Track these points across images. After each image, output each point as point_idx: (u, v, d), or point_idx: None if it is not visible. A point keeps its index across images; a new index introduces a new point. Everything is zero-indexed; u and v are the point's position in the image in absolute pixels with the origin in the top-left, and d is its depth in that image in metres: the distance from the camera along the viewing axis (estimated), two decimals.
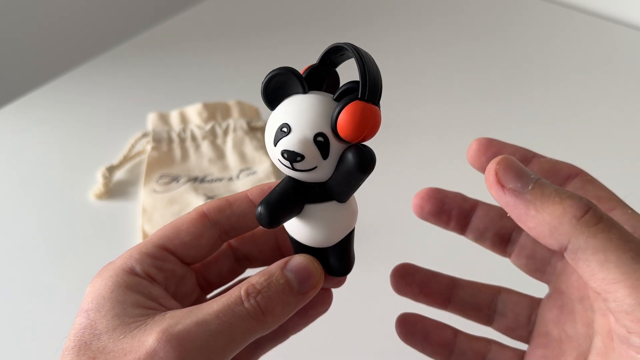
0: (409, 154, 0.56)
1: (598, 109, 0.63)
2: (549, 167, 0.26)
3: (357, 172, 0.22)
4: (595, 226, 0.20)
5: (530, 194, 0.21)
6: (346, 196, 0.24)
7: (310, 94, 0.23)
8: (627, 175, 0.55)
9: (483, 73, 0.69)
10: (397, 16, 0.79)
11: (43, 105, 0.65)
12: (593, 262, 0.20)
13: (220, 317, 0.22)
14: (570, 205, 0.20)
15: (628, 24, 0.75)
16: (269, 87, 0.23)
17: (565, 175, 0.26)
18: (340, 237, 0.25)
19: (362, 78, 0.22)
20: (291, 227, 0.25)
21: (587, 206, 0.20)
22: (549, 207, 0.21)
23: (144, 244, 0.26)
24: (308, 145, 0.22)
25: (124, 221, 0.51)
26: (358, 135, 0.22)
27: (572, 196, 0.21)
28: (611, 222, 0.20)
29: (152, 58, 0.72)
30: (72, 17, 0.95)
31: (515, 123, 0.61)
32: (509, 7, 0.80)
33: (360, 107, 0.22)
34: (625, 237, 0.19)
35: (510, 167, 0.22)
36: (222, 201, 0.27)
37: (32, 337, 0.43)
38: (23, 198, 0.54)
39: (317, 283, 0.25)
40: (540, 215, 0.21)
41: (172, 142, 0.57)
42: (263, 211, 0.23)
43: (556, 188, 0.21)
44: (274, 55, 0.72)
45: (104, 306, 0.23)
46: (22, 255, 0.49)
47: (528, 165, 0.26)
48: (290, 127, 0.22)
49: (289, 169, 0.23)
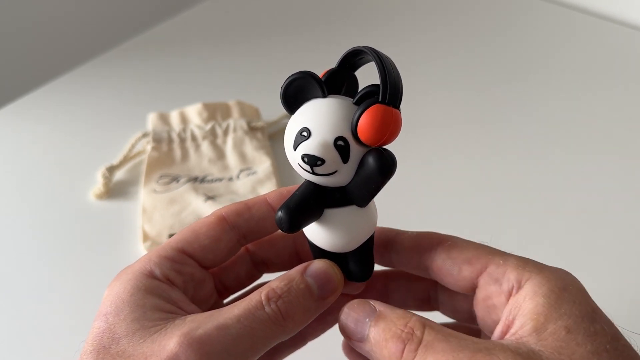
0: (410, 154, 0.56)
1: (598, 108, 0.63)
2: (410, 244, 0.26)
3: (378, 176, 0.22)
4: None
5: (367, 343, 0.23)
6: (366, 201, 0.24)
7: (329, 98, 0.23)
8: (626, 175, 0.55)
9: (483, 73, 0.69)
10: (398, 17, 0.79)
11: (43, 105, 0.65)
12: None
13: (242, 321, 0.22)
14: (391, 347, 0.22)
15: (628, 24, 0.75)
16: (289, 92, 0.23)
17: (427, 247, 0.26)
18: (360, 242, 0.25)
19: (382, 81, 0.22)
20: (310, 232, 0.25)
21: (403, 342, 0.22)
22: (380, 354, 0.23)
23: (162, 247, 0.26)
24: (328, 149, 0.22)
25: (124, 221, 0.51)
26: (379, 138, 0.22)
27: (392, 336, 0.22)
28: (426, 348, 0.21)
29: (152, 58, 0.72)
30: (72, 17, 0.95)
31: (516, 123, 0.61)
32: (509, 8, 0.80)
33: (382, 111, 0.22)
34: (438, 358, 0.21)
35: (349, 318, 0.24)
36: (240, 205, 0.27)
37: (32, 337, 0.43)
38: (23, 198, 0.54)
39: (337, 288, 0.25)
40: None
41: (172, 142, 0.57)
42: (283, 216, 0.23)
43: (384, 327, 0.23)
44: (274, 55, 0.72)
45: (123, 310, 0.23)
46: (22, 255, 0.49)
47: (391, 245, 0.27)
48: (310, 131, 0.22)
49: (309, 173, 0.23)
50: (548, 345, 0.21)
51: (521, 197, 0.53)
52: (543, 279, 0.22)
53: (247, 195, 0.52)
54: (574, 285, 0.22)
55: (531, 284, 0.22)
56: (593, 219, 0.50)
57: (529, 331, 0.21)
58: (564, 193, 0.53)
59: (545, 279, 0.22)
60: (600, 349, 0.20)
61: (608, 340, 0.21)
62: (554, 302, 0.21)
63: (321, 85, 0.23)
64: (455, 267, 0.25)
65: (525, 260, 0.24)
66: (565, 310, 0.21)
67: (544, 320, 0.21)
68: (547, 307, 0.21)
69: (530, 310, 0.22)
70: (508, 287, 0.23)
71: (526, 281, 0.23)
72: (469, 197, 0.52)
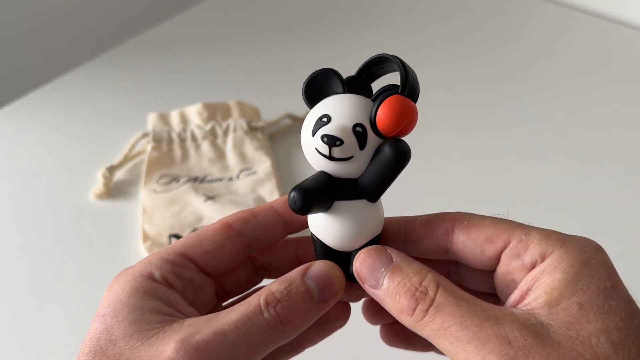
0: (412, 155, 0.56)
1: (598, 108, 0.63)
2: (424, 231, 0.26)
3: (393, 163, 0.23)
4: (422, 320, 0.22)
5: (381, 291, 0.23)
6: (377, 193, 0.24)
7: (350, 94, 0.24)
8: (626, 174, 0.55)
9: (483, 73, 0.69)
10: (398, 17, 0.79)
11: (43, 106, 0.65)
12: (437, 347, 0.22)
13: (240, 327, 0.22)
14: (403, 303, 0.22)
15: (628, 24, 0.75)
16: (311, 86, 0.24)
17: (443, 231, 0.26)
18: (366, 240, 0.25)
19: (402, 77, 0.23)
20: (317, 226, 0.25)
21: (416, 301, 0.22)
22: (392, 305, 0.23)
23: (165, 250, 0.26)
24: (347, 132, 0.23)
25: (124, 221, 0.51)
26: (396, 127, 0.23)
27: (406, 291, 0.22)
28: (436, 309, 0.22)
29: (152, 58, 0.72)
30: (72, 17, 0.95)
31: (516, 122, 0.61)
32: (509, 8, 0.80)
33: (400, 100, 0.23)
34: (446, 321, 0.21)
35: (363, 264, 0.24)
36: (246, 212, 0.27)
37: (32, 337, 0.43)
38: (23, 198, 0.54)
39: (338, 291, 0.25)
40: (391, 310, 0.23)
41: (172, 142, 0.57)
42: (297, 195, 0.23)
43: (399, 281, 0.23)
44: (274, 55, 0.72)
45: (121, 311, 0.23)
46: (22, 255, 0.49)
47: (404, 235, 0.26)
48: (330, 117, 0.23)
49: (326, 158, 0.23)
50: (558, 320, 0.20)
51: (521, 196, 0.53)
52: (565, 253, 0.22)
53: (247, 195, 0.52)
54: (597, 258, 0.22)
55: (552, 258, 0.22)
56: (593, 219, 0.50)
57: (541, 304, 0.21)
58: (563, 193, 0.53)
59: (568, 253, 0.22)
60: (611, 327, 0.20)
61: (621, 318, 0.20)
62: (571, 278, 0.21)
63: (342, 82, 0.24)
64: (477, 248, 0.25)
65: (548, 233, 0.23)
66: (581, 286, 0.21)
67: (558, 295, 0.21)
68: (563, 282, 0.21)
69: (547, 285, 0.22)
70: (531, 261, 0.23)
71: (549, 255, 0.22)
72: (469, 197, 0.52)
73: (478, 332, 0.20)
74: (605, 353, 0.20)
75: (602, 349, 0.20)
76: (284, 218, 0.27)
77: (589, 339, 0.20)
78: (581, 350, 0.20)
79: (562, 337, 0.20)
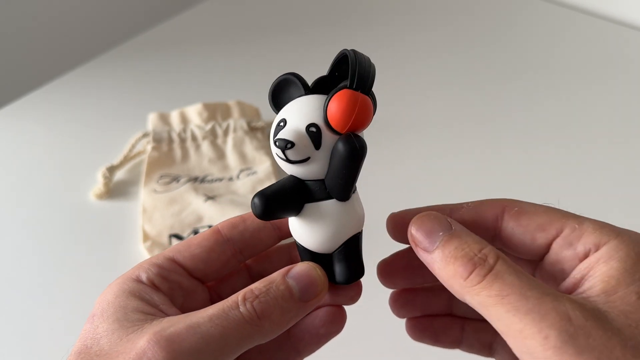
0: (410, 154, 0.56)
1: (598, 108, 0.63)
2: (471, 217, 0.25)
3: (347, 160, 0.23)
4: (478, 284, 0.21)
5: (435, 254, 0.23)
6: (342, 191, 0.24)
7: (310, 95, 0.24)
8: (626, 174, 0.55)
9: (483, 73, 0.69)
10: (397, 16, 0.79)
11: (43, 106, 0.65)
12: (485, 316, 0.21)
13: (214, 320, 0.22)
14: (459, 266, 0.22)
15: (628, 24, 0.75)
16: (275, 92, 0.25)
17: (492, 218, 0.25)
18: (342, 239, 0.25)
19: (351, 68, 0.23)
20: (294, 230, 0.25)
21: (474, 265, 0.21)
22: (444, 269, 0.22)
23: (156, 256, 0.26)
24: (299, 134, 0.23)
25: (124, 221, 0.51)
26: (347, 121, 0.22)
27: (464, 256, 0.22)
28: (495, 276, 0.21)
29: (152, 58, 0.72)
30: (72, 17, 0.95)
31: (515, 122, 0.61)
32: (509, 8, 0.80)
33: (348, 95, 0.22)
34: (505, 289, 0.20)
35: (422, 226, 0.23)
36: (236, 218, 0.28)
37: (32, 337, 0.43)
38: (23, 198, 0.54)
39: (320, 291, 0.25)
40: (441, 275, 0.22)
41: (172, 142, 0.57)
42: (257, 201, 0.23)
43: (457, 245, 0.22)
44: (274, 55, 0.72)
45: (107, 311, 0.24)
46: (22, 255, 0.49)
47: (454, 218, 0.26)
48: (286, 120, 0.24)
49: (285, 161, 0.23)
50: (616, 308, 0.20)
51: (520, 196, 0.53)
52: (621, 243, 0.22)
53: (247, 195, 0.52)
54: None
55: (608, 247, 0.22)
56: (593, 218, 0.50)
57: (597, 292, 0.21)
58: (563, 192, 0.53)
59: (624, 243, 0.22)
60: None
61: None
62: (629, 267, 0.21)
63: (304, 84, 0.24)
64: (528, 235, 0.24)
65: (602, 224, 0.23)
66: (639, 276, 0.20)
67: (615, 283, 0.20)
68: (621, 271, 0.21)
69: (603, 273, 0.21)
70: (584, 250, 0.22)
71: (604, 244, 0.22)
72: (468, 196, 0.52)
73: (538, 305, 0.20)
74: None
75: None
76: (272, 222, 0.27)
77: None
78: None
79: (621, 324, 0.20)
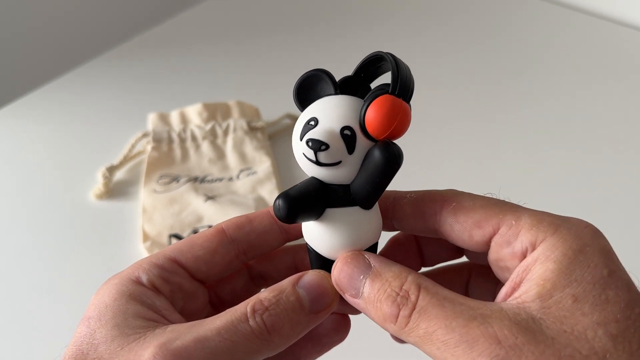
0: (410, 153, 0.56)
1: (598, 108, 0.63)
2: (412, 209, 0.25)
3: (383, 168, 0.22)
4: (406, 327, 0.21)
5: (362, 300, 0.22)
6: (370, 199, 0.23)
7: (341, 95, 0.23)
8: (626, 174, 0.55)
9: (483, 73, 0.69)
10: (397, 16, 0.79)
11: (43, 105, 0.65)
12: (425, 353, 0.21)
13: (222, 334, 0.21)
14: (385, 310, 0.21)
15: (628, 24, 0.75)
16: (302, 88, 0.23)
17: (431, 212, 0.24)
18: (362, 248, 0.24)
19: (394, 75, 0.22)
20: (309, 234, 0.24)
21: (398, 306, 0.21)
22: (375, 314, 0.22)
23: (155, 254, 0.25)
24: (334, 136, 0.22)
25: (124, 221, 0.51)
26: (386, 129, 0.21)
27: (387, 297, 0.22)
28: (419, 314, 0.21)
29: (152, 58, 0.72)
30: (72, 17, 0.95)
31: (515, 122, 0.61)
32: (509, 8, 0.80)
33: (390, 101, 0.21)
34: (431, 326, 0.20)
35: (342, 273, 0.23)
36: (242, 218, 0.26)
37: (32, 337, 0.43)
38: (23, 198, 0.54)
39: (331, 303, 0.24)
40: (375, 320, 0.22)
41: (172, 142, 0.57)
42: (281, 203, 0.22)
43: (379, 287, 0.22)
44: (274, 55, 0.72)
45: (105, 314, 0.22)
46: (22, 255, 0.49)
47: (391, 212, 0.25)
48: (317, 120, 0.22)
49: (313, 163, 0.22)
50: (551, 314, 0.19)
51: (520, 196, 0.53)
52: (557, 241, 0.21)
53: (247, 195, 0.52)
54: (593, 245, 0.20)
55: (544, 246, 0.21)
56: (591, 219, 0.50)
57: (532, 297, 0.20)
58: (563, 192, 0.53)
59: (561, 241, 0.21)
60: (609, 319, 0.19)
61: (620, 309, 0.19)
62: (565, 268, 0.20)
63: (334, 83, 0.23)
64: (465, 233, 0.23)
65: (540, 217, 0.22)
66: (576, 276, 0.20)
67: (550, 287, 0.20)
68: (556, 272, 0.20)
69: (539, 276, 0.20)
70: (521, 249, 0.21)
71: (540, 242, 0.21)
72: None
73: (465, 334, 0.19)
74: (603, 347, 0.18)
75: (599, 343, 0.18)
76: (280, 225, 0.26)
77: (585, 333, 0.19)
78: (577, 345, 0.18)
79: (556, 332, 0.19)
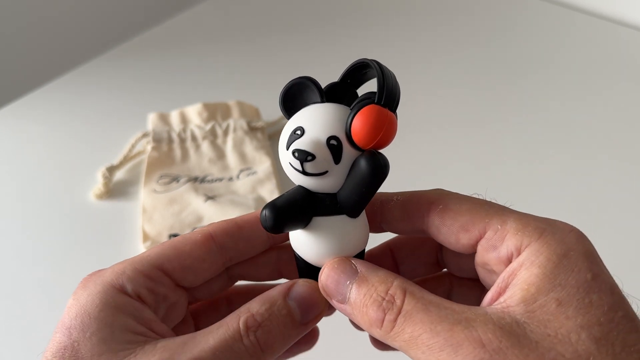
0: (409, 153, 0.56)
1: (598, 108, 0.63)
2: (399, 213, 0.25)
3: (369, 177, 0.22)
4: (392, 331, 0.21)
5: (349, 305, 0.22)
6: (356, 208, 0.23)
7: (327, 103, 0.23)
8: (626, 174, 0.55)
9: (483, 73, 0.69)
10: (397, 17, 0.79)
11: (43, 106, 0.65)
12: (410, 357, 0.21)
13: (217, 355, 0.21)
14: (372, 314, 0.22)
15: (628, 24, 0.75)
16: (287, 96, 0.23)
17: (419, 215, 0.24)
18: (349, 256, 0.24)
19: (379, 84, 0.22)
20: (297, 243, 0.24)
21: (383, 311, 0.21)
22: (361, 319, 0.22)
23: (139, 260, 0.24)
24: (320, 146, 0.22)
25: (124, 221, 0.51)
26: (372, 138, 0.21)
27: (373, 302, 0.22)
28: (405, 318, 0.21)
29: (152, 58, 0.72)
30: (72, 17, 0.95)
31: (515, 122, 0.61)
32: (509, 8, 0.80)
33: (376, 110, 0.21)
34: (416, 330, 0.20)
35: (329, 279, 0.23)
36: (231, 224, 0.26)
37: (32, 337, 0.43)
38: (23, 198, 0.54)
39: (321, 313, 0.24)
40: (362, 325, 0.22)
41: (172, 142, 0.57)
42: (268, 214, 0.22)
43: (365, 292, 0.22)
44: (274, 55, 0.72)
45: (89, 326, 0.21)
46: (22, 255, 0.49)
47: (380, 215, 0.25)
48: (303, 129, 0.22)
49: (300, 172, 0.22)
50: (535, 318, 0.19)
51: (519, 195, 0.53)
52: (542, 246, 0.21)
53: (247, 195, 0.52)
54: (577, 249, 0.21)
55: (529, 251, 0.21)
56: (591, 218, 0.50)
57: (516, 302, 0.20)
58: (562, 192, 0.53)
59: (545, 245, 0.21)
60: (592, 322, 0.19)
61: (603, 312, 0.19)
62: (549, 273, 0.20)
63: (320, 90, 0.23)
64: (452, 236, 0.23)
65: (526, 222, 0.22)
66: (560, 280, 0.20)
67: (534, 291, 0.20)
68: (540, 277, 0.20)
69: (523, 280, 0.20)
70: (507, 254, 0.22)
71: (525, 247, 0.21)
72: None
73: (449, 338, 0.19)
74: (587, 350, 0.18)
75: (583, 346, 0.19)
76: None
77: (569, 336, 0.19)
78: (560, 349, 0.19)
79: (540, 336, 0.19)
